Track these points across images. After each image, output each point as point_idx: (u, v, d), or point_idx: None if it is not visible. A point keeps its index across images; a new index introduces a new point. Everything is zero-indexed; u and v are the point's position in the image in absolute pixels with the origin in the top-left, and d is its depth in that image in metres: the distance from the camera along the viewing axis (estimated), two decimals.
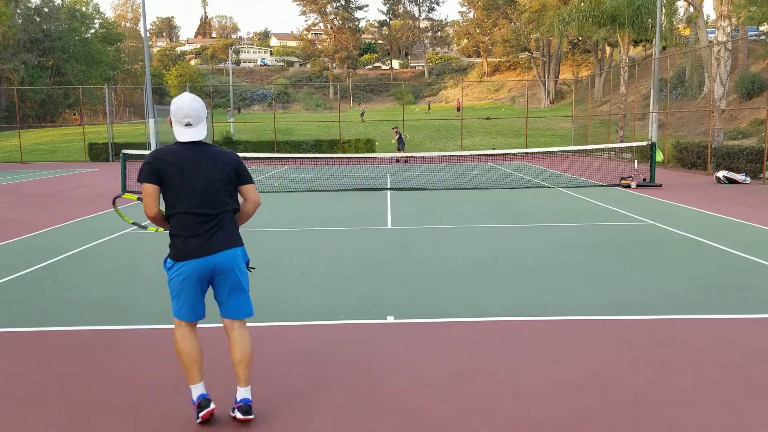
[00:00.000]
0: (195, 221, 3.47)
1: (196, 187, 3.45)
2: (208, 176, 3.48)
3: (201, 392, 3.57)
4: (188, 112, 3.47)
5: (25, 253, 8.55)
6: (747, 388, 3.94)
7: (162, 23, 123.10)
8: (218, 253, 3.49)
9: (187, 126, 3.49)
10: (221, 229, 3.52)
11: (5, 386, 4.16)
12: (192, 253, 3.47)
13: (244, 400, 3.54)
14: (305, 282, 6.79)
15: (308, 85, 72.38)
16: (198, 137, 3.51)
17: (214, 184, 3.49)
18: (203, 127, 3.54)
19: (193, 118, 3.48)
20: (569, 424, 3.51)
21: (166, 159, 3.45)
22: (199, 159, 3.49)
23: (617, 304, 5.80)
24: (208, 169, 3.49)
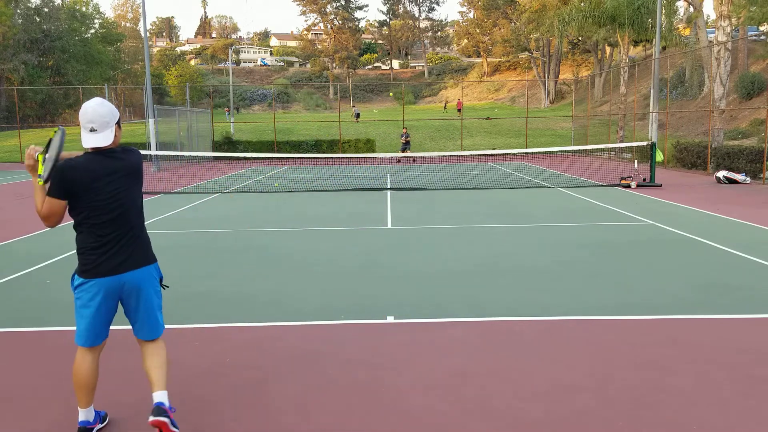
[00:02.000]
0: (104, 237, 3.24)
1: (107, 200, 3.22)
2: (117, 186, 3.25)
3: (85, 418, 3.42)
4: (91, 116, 3.21)
5: (25, 253, 8.55)
6: (747, 388, 3.94)
7: (162, 23, 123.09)
8: (129, 272, 3.30)
9: (91, 132, 3.22)
10: (131, 245, 3.31)
11: (5, 386, 4.16)
12: (102, 270, 3.24)
13: (160, 403, 3.27)
14: (305, 282, 6.79)
15: (308, 85, 72.39)
16: (102, 143, 3.22)
17: (123, 194, 3.27)
18: (110, 132, 3.24)
19: (96, 123, 3.21)
20: (569, 424, 3.51)
21: (76, 173, 3.18)
22: (105, 168, 3.24)
23: (617, 304, 5.80)
24: (116, 178, 3.25)
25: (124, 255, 3.29)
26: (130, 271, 3.30)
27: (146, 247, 3.42)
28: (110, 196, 3.23)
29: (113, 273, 3.26)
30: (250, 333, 5.17)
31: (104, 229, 3.24)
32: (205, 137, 31.43)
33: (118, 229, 3.27)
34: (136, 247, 3.35)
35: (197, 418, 3.66)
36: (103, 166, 3.23)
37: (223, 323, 5.39)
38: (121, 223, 3.29)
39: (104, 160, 3.25)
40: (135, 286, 3.33)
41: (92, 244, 3.24)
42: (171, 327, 5.31)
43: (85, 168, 3.20)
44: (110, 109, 3.27)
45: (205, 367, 4.42)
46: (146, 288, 3.39)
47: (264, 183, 18.83)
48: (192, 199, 14.65)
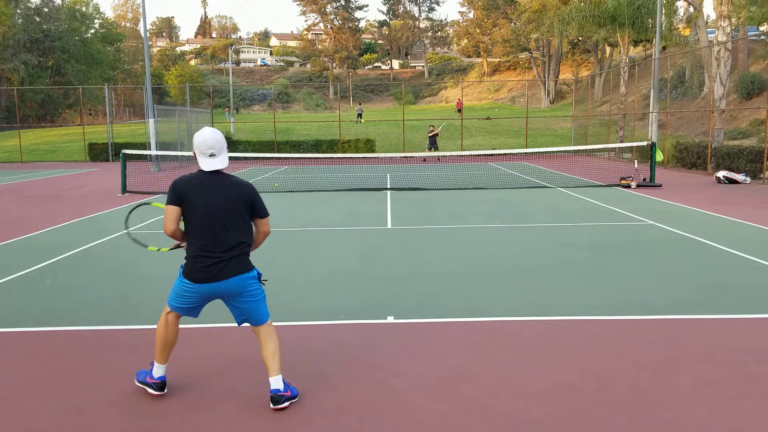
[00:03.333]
0: (207, 245, 3.73)
1: (212, 214, 3.71)
2: (223, 205, 3.73)
3: (162, 374, 3.94)
4: (211, 144, 3.75)
5: (25, 253, 8.55)
6: (747, 388, 3.94)
7: (162, 23, 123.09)
8: (224, 281, 3.75)
9: (211, 156, 3.75)
10: (231, 258, 3.77)
11: (5, 386, 4.16)
12: (199, 277, 3.75)
13: (275, 390, 3.74)
14: (305, 282, 6.79)
15: (308, 85, 72.38)
16: (221, 166, 3.76)
17: (227, 212, 3.74)
18: (225, 157, 3.80)
19: (216, 149, 3.75)
20: (569, 424, 3.51)
21: (190, 184, 3.76)
22: (218, 187, 3.76)
23: (617, 304, 5.80)
24: (223, 198, 3.74)
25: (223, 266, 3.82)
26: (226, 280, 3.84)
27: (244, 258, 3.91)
28: (217, 212, 3.79)
29: (211, 281, 3.84)
30: (250, 333, 5.16)
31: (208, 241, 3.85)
32: None
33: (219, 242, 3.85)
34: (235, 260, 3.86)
35: (197, 418, 3.66)
36: (215, 184, 3.82)
37: (223, 323, 5.39)
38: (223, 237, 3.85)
39: (217, 178, 3.84)
40: (232, 292, 3.88)
41: (197, 253, 3.83)
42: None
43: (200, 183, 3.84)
44: (222, 136, 3.84)
45: (205, 367, 4.42)
46: (243, 294, 3.91)
47: (264, 183, 18.83)
48: None
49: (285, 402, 3.71)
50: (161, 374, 3.93)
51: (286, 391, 3.75)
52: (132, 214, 4.99)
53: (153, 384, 3.92)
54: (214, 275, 3.72)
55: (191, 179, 3.77)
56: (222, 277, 3.73)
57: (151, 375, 3.94)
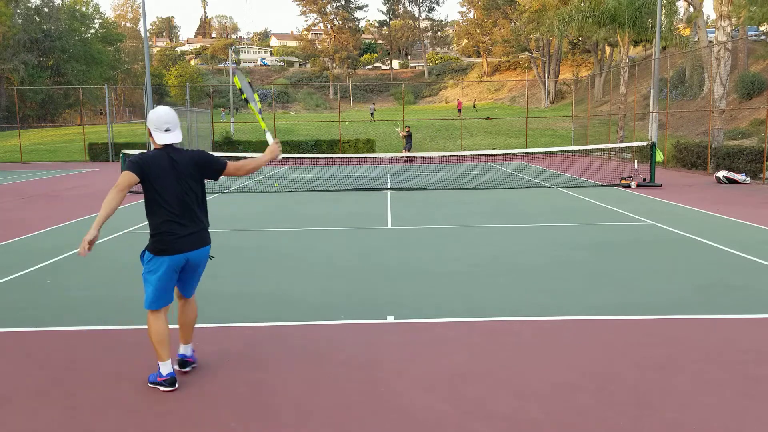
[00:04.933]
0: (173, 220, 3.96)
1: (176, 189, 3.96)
2: (185, 178, 3.99)
3: (170, 370, 4.04)
4: (167, 119, 4.01)
5: (25, 253, 8.54)
6: (747, 388, 3.94)
7: (162, 23, 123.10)
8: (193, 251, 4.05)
9: (167, 131, 4.01)
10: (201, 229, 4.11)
11: (5, 386, 4.16)
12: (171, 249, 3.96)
13: (183, 355, 4.30)
14: (305, 282, 6.79)
15: (308, 85, 72.38)
16: (175, 140, 4.03)
17: (189, 185, 4.01)
18: (179, 132, 4.06)
19: (171, 124, 4.03)
20: (569, 424, 3.51)
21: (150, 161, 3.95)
22: (178, 161, 3.99)
23: (617, 304, 5.80)
24: (184, 171, 3.99)
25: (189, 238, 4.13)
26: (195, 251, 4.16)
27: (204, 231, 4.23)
28: (175, 186, 4.03)
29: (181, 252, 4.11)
30: (250, 333, 5.17)
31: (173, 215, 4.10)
32: (205, 137, 31.43)
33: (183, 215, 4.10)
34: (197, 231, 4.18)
35: (197, 417, 3.66)
36: (170, 158, 4.05)
37: (223, 323, 5.39)
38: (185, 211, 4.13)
39: (173, 152, 4.07)
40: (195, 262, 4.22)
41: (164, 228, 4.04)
42: (172, 327, 5.31)
43: (157, 160, 4.03)
44: (176, 114, 4.10)
45: (205, 367, 4.42)
46: (202, 264, 4.29)
47: (264, 183, 18.83)
48: None
49: (190, 367, 4.29)
50: (169, 370, 4.01)
51: (192, 358, 4.32)
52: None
53: (164, 381, 3.99)
54: (189, 245, 4.00)
55: (155, 159, 3.95)
56: (196, 247, 4.04)
57: (161, 374, 4.02)
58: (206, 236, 4.15)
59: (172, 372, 4.01)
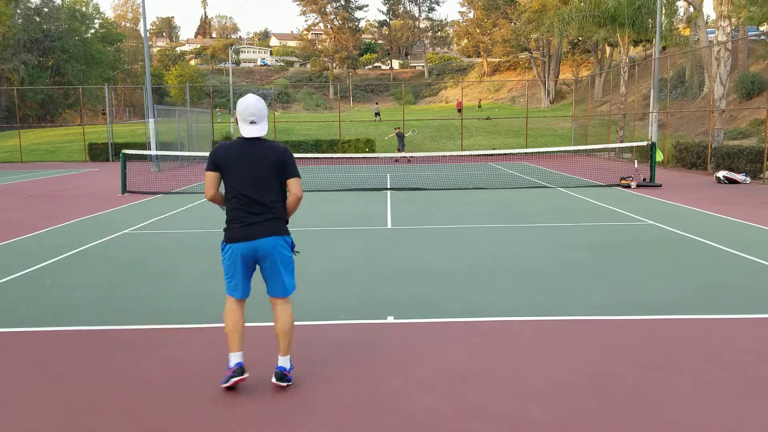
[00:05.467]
0: (242, 207, 3.93)
1: (247, 179, 3.90)
2: (257, 169, 3.91)
3: (238, 360, 3.98)
4: (253, 110, 3.94)
5: (25, 253, 8.55)
6: (747, 388, 3.94)
7: (162, 23, 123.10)
8: (259, 240, 3.93)
9: (251, 123, 3.96)
10: (267, 219, 3.95)
11: (5, 386, 4.16)
12: (236, 237, 3.93)
13: (281, 368, 4.03)
14: (305, 282, 6.78)
15: (308, 85, 72.38)
16: (260, 134, 3.97)
17: (262, 176, 3.92)
18: (264, 125, 4.00)
19: (257, 116, 3.96)
20: (569, 424, 3.51)
21: (225, 152, 3.96)
22: (255, 153, 3.94)
23: (617, 304, 5.80)
24: (258, 163, 3.92)
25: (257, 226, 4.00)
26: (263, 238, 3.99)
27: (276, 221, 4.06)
28: (251, 176, 3.95)
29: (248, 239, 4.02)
30: (250, 333, 5.16)
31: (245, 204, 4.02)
32: (205, 137, 31.43)
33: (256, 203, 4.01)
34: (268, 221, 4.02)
35: (197, 417, 3.66)
36: (252, 150, 4.00)
37: (223, 323, 5.38)
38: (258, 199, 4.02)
39: (255, 144, 4.02)
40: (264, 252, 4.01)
41: (235, 216, 4.01)
42: (172, 327, 5.32)
43: (238, 150, 4.02)
44: (264, 105, 4.03)
45: (205, 367, 4.42)
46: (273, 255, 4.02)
47: None
48: (192, 199, 14.65)
49: (287, 381, 3.99)
50: (237, 360, 3.98)
51: (290, 371, 4.04)
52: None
53: (230, 374, 3.94)
54: (250, 234, 3.90)
55: (231, 146, 3.97)
56: (257, 236, 3.91)
57: (228, 366, 3.99)
58: (275, 226, 3.97)
59: (239, 362, 3.97)
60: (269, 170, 3.93)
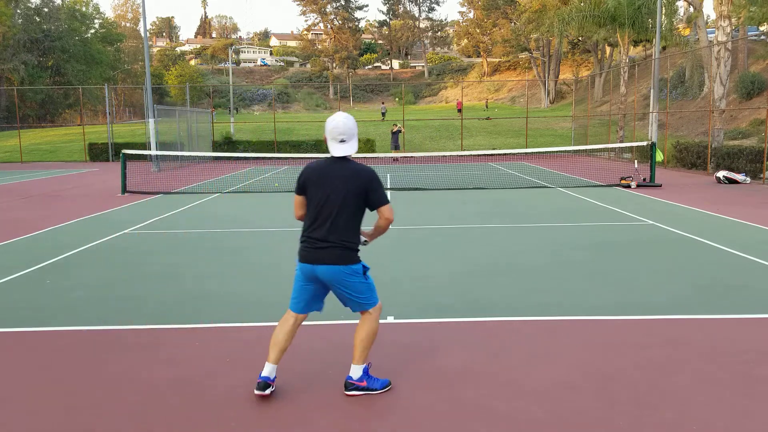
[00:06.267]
0: (311, 228, 3.84)
1: (323, 199, 3.78)
2: (335, 191, 3.76)
3: (266, 374, 3.89)
4: (343, 130, 3.78)
5: (25, 253, 8.55)
6: (747, 388, 3.94)
7: (162, 23, 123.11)
8: (320, 266, 3.80)
9: (341, 142, 3.79)
10: (328, 247, 3.78)
11: (5, 386, 4.16)
12: (302, 257, 3.87)
13: (349, 377, 3.94)
14: None
15: (308, 85, 72.38)
16: (349, 152, 3.81)
17: (337, 199, 3.76)
18: (354, 143, 3.83)
19: (346, 135, 3.79)
20: (569, 424, 3.51)
21: (311, 173, 3.86)
22: (337, 175, 3.78)
23: (617, 304, 5.79)
24: (337, 185, 3.76)
25: (319, 251, 3.85)
26: (322, 265, 3.83)
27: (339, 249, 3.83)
28: (326, 196, 3.81)
29: (308, 262, 3.91)
30: (250, 333, 5.17)
31: (314, 222, 3.88)
32: (205, 137, 31.43)
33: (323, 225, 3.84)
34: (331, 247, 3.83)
35: (197, 417, 3.66)
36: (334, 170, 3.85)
37: (223, 323, 5.39)
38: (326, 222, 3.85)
39: (339, 164, 3.86)
40: (326, 279, 3.87)
41: (303, 232, 3.91)
42: (172, 327, 5.32)
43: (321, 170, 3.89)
44: (354, 123, 3.86)
45: (205, 367, 4.42)
46: (334, 284, 3.89)
47: (264, 183, 18.84)
48: (192, 199, 14.65)
49: (353, 390, 3.89)
50: (266, 373, 3.89)
51: (361, 381, 3.89)
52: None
53: (255, 386, 3.86)
54: (313, 258, 3.80)
55: (317, 167, 3.86)
56: (317, 262, 3.80)
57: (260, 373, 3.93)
58: (340, 254, 3.78)
59: (267, 377, 3.87)
60: (346, 195, 3.75)
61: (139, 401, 3.88)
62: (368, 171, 3.83)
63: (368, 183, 3.78)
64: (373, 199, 3.81)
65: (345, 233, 3.80)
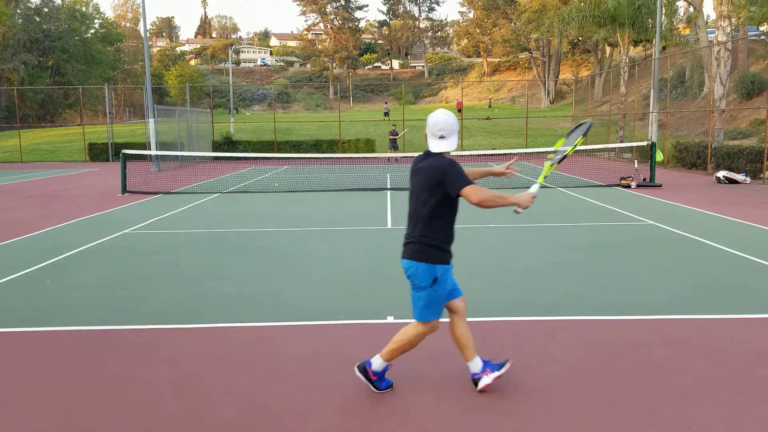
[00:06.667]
0: (408, 224, 3.99)
1: (411, 194, 3.92)
2: (416, 185, 3.86)
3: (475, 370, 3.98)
4: (443, 126, 3.79)
5: (25, 253, 8.55)
6: (747, 388, 3.94)
7: (162, 23, 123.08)
8: (402, 260, 3.97)
9: (440, 138, 3.80)
10: (411, 242, 3.93)
11: (5, 386, 4.16)
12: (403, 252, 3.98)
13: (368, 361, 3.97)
14: (305, 282, 6.79)
15: (308, 85, 72.36)
16: (448, 149, 3.81)
17: (417, 194, 3.85)
18: (454, 140, 3.83)
19: (446, 131, 3.80)
20: (569, 424, 3.51)
21: (414, 165, 3.95)
22: (420, 170, 3.85)
23: (617, 304, 5.79)
24: (418, 178, 3.84)
25: (406, 246, 4.00)
26: (404, 259, 4.01)
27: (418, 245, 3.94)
28: (414, 192, 3.93)
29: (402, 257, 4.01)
30: (251, 333, 5.17)
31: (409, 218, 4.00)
32: (205, 137, 31.44)
33: (411, 221, 3.99)
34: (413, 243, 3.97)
35: (197, 418, 3.66)
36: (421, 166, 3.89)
37: (223, 323, 5.39)
38: (412, 217, 4.02)
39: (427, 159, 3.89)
40: (407, 273, 4.00)
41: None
42: (172, 327, 5.32)
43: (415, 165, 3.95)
44: (455, 120, 3.87)
45: (205, 367, 4.42)
46: (410, 277, 4.00)
47: (264, 183, 18.84)
48: (192, 199, 14.66)
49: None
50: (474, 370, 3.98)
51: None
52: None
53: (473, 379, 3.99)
54: (404, 252, 3.97)
55: (415, 161, 3.96)
56: (404, 257, 3.95)
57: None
58: (416, 250, 3.88)
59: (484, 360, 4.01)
60: (423, 188, 3.79)
61: (139, 401, 3.88)
62: (446, 161, 3.78)
63: (443, 173, 3.73)
64: (451, 185, 3.75)
65: (424, 229, 3.87)
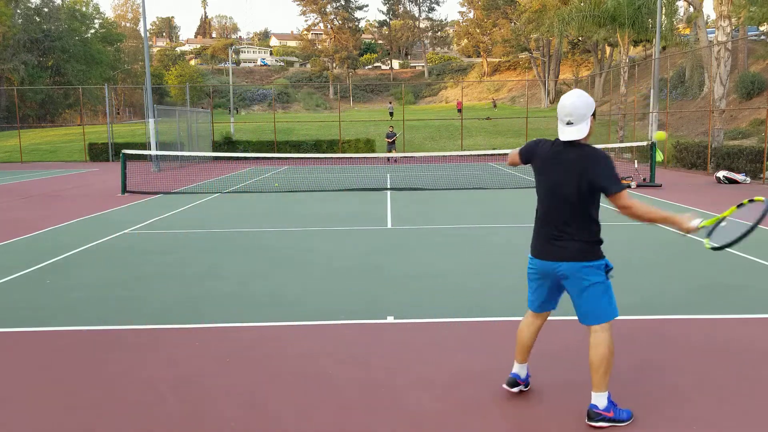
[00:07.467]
0: (542, 221, 3.57)
1: (548, 187, 3.49)
2: (558, 179, 3.42)
3: (514, 371, 3.86)
4: (570, 110, 3.37)
5: (25, 253, 8.55)
6: (747, 388, 3.94)
7: (162, 23, 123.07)
8: (552, 262, 3.48)
9: (568, 124, 3.38)
10: (560, 239, 3.47)
11: (5, 386, 4.16)
12: (534, 252, 3.61)
13: (592, 405, 3.44)
14: (305, 282, 6.79)
15: (308, 85, 72.36)
16: (577, 136, 3.37)
17: (560, 189, 3.42)
18: (585, 126, 3.37)
19: (574, 116, 3.36)
20: (570, 424, 3.51)
21: (539, 149, 3.56)
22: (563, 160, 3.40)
23: (617, 304, 5.78)
24: (561, 171, 3.40)
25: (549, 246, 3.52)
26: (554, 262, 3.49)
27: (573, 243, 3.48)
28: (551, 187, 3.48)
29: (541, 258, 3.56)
30: (251, 333, 5.17)
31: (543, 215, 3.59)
32: (205, 137, 31.44)
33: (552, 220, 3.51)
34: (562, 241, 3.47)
35: (197, 418, 3.66)
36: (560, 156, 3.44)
37: (223, 323, 5.39)
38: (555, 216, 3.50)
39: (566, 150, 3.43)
40: (562, 275, 3.49)
41: (535, 225, 3.65)
42: (172, 327, 5.32)
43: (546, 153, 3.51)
44: (587, 102, 3.38)
45: (205, 367, 4.42)
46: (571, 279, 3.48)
47: (264, 183, 18.83)
48: (192, 199, 14.66)
49: (599, 421, 3.39)
50: (515, 371, 3.86)
51: (608, 411, 3.39)
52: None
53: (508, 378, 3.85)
54: (544, 253, 3.51)
55: (546, 144, 3.53)
56: (548, 258, 3.48)
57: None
58: (573, 249, 3.42)
59: (515, 374, 3.85)
60: (570, 183, 3.35)
61: (139, 401, 3.88)
62: (600, 154, 3.39)
63: (595, 166, 3.34)
64: (603, 185, 3.40)
65: (574, 227, 3.47)
